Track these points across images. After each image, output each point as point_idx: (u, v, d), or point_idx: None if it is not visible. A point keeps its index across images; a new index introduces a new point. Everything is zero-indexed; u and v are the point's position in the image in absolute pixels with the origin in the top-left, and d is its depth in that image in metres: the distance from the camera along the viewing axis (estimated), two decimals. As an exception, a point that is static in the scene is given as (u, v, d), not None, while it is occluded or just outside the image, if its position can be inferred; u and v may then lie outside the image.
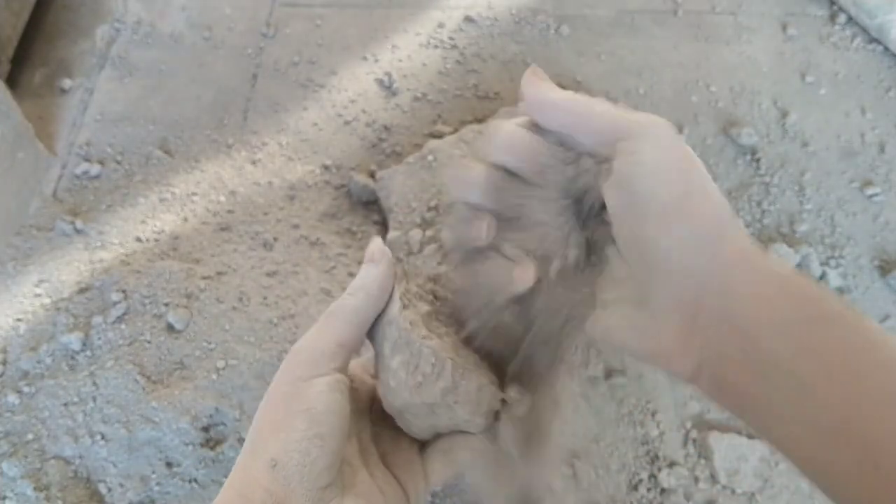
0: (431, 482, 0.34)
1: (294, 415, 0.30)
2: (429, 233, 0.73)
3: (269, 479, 0.29)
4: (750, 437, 0.65)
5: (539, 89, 0.30)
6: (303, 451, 0.30)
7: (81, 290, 0.74)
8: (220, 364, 0.67)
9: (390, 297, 0.34)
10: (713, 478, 0.63)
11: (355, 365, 0.38)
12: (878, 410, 0.24)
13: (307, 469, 0.29)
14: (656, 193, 0.27)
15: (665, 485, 0.62)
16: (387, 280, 0.34)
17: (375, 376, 0.35)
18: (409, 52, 0.95)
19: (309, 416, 0.30)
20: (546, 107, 0.30)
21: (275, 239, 0.77)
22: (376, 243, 0.35)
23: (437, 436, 0.35)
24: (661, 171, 0.28)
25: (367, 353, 0.37)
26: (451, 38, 0.96)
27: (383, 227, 0.78)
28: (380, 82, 0.92)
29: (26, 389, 0.67)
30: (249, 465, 0.30)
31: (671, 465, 0.64)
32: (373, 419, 0.36)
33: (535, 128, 0.31)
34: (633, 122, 0.29)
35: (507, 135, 0.31)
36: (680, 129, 0.87)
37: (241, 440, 0.63)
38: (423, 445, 0.36)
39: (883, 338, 0.25)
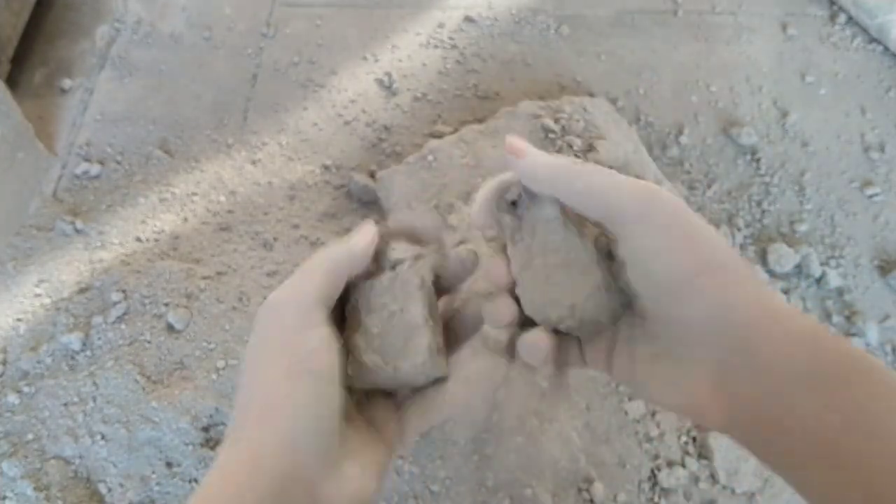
0: (409, 436, 0.34)
1: (298, 376, 0.30)
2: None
3: (279, 442, 0.29)
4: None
5: (529, 161, 0.31)
6: (312, 414, 0.29)
7: (81, 290, 0.74)
8: (220, 364, 0.67)
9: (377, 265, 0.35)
10: (713, 478, 0.63)
11: None
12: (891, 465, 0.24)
13: (317, 429, 0.29)
14: (664, 276, 0.29)
15: (665, 485, 0.62)
16: (369, 245, 0.34)
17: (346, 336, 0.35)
18: (409, 52, 0.95)
19: (313, 377, 0.30)
20: (544, 183, 0.31)
21: (275, 239, 0.77)
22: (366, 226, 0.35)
23: (410, 389, 0.35)
24: (666, 253, 0.28)
25: None
26: (451, 38, 0.96)
27: (383, 227, 0.78)
28: (380, 82, 0.92)
29: (26, 389, 0.67)
30: (255, 428, 0.30)
31: (671, 465, 0.64)
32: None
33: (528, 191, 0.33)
34: (631, 202, 0.29)
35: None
36: (680, 130, 0.87)
37: (241, 440, 0.63)
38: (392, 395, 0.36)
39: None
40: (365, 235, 0.34)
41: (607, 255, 0.32)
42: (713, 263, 0.28)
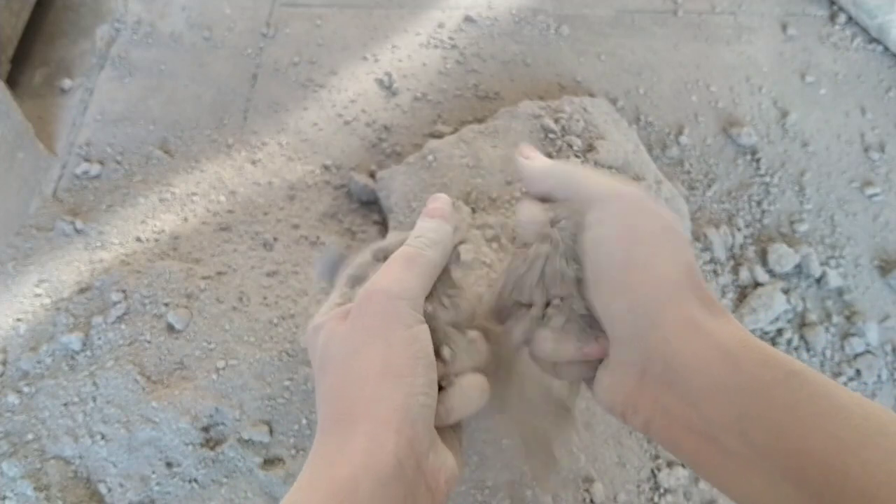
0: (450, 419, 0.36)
1: (416, 361, 0.32)
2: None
3: (398, 420, 0.30)
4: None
5: (532, 164, 0.37)
6: (426, 394, 0.31)
7: (81, 290, 0.74)
8: (220, 364, 0.67)
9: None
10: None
11: None
12: (832, 468, 0.24)
13: (428, 411, 0.32)
14: (603, 266, 0.31)
15: (665, 485, 0.62)
16: (451, 239, 0.37)
17: None
18: (409, 52, 0.95)
19: (427, 363, 0.32)
20: (539, 180, 0.36)
21: (275, 239, 0.77)
22: (444, 199, 0.38)
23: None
24: (608, 244, 0.31)
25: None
26: (451, 38, 0.96)
27: (383, 227, 0.78)
28: (380, 82, 0.92)
29: (26, 389, 0.67)
30: (368, 405, 0.31)
31: (671, 465, 0.64)
32: None
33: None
34: (596, 194, 0.32)
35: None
36: (680, 130, 0.87)
37: (241, 440, 0.63)
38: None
39: (830, 393, 0.26)
40: (451, 238, 0.36)
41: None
42: (644, 264, 0.30)
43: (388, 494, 0.29)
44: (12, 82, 0.90)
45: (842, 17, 0.97)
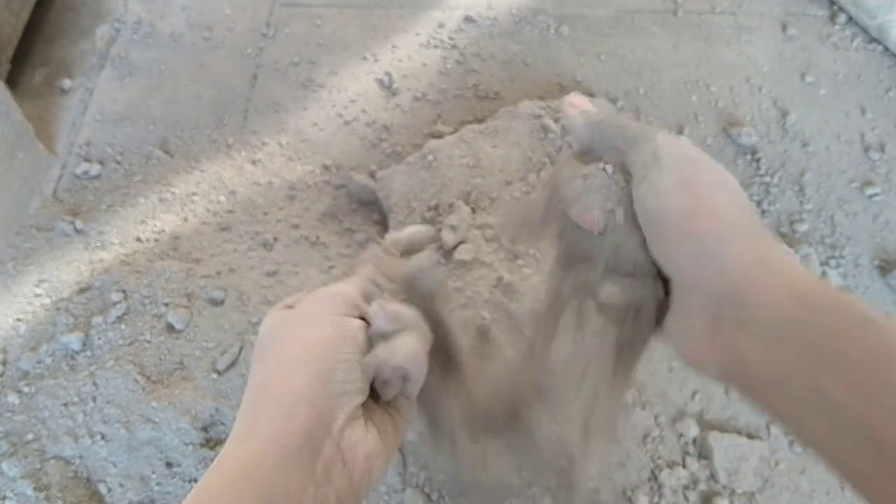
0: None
1: (343, 340, 0.32)
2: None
3: (313, 392, 0.30)
4: (750, 437, 0.65)
5: (576, 112, 0.35)
6: (348, 370, 0.31)
7: (81, 290, 0.74)
8: (220, 364, 0.67)
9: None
10: (713, 478, 0.63)
11: None
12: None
13: (349, 386, 0.31)
14: (661, 214, 0.30)
15: (665, 485, 0.62)
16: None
17: None
18: (409, 52, 0.95)
19: (355, 343, 0.33)
20: (580, 125, 0.35)
21: (275, 239, 0.77)
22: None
23: None
24: (667, 193, 0.30)
25: None
26: (451, 38, 0.96)
27: (383, 227, 0.78)
28: (380, 82, 0.92)
29: (26, 389, 0.67)
30: (284, 378, 0.31)
31: (671, 465, 0.64)
32: None
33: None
34: (649, 143, 0.31)
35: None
36: (680, 130, 0.87)
37: (241, 440, 0.63)
38: None
39: (888, 328, 0.25)
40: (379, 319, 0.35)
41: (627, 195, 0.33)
42: (707, 209, 0.29)
43: (296, 466, 0.29)
44: (12, 82, 0.90)
45: (842, 17, 0.97)
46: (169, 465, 0.63)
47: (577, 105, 0.36)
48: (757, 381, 0.28)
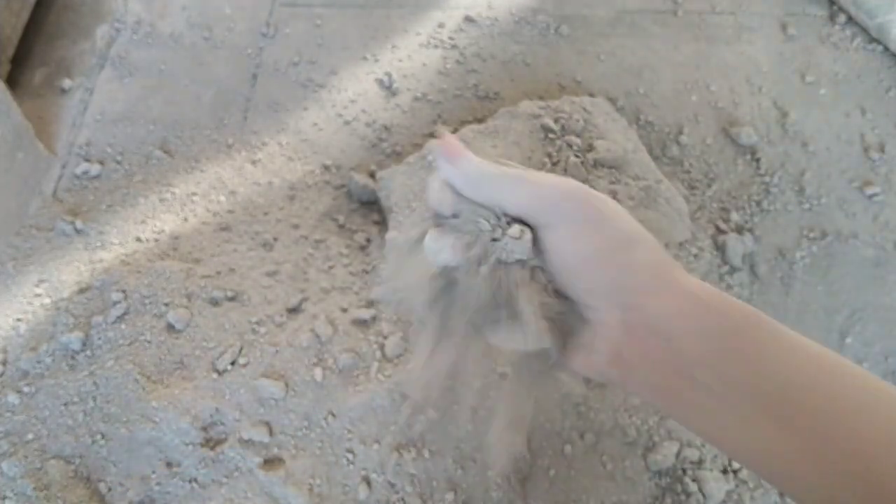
0: None
1: None
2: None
3: None
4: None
5: (461, 163, 0.34)
6: None
7: (81, 290, 0.74)
8: (220, 364, 0.67)
9: None
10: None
11: None
12: (795, 396, 0.29)
13: None
14: (578, 255, 0.33)
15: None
16: None
17: None
18: (409, 52, 0.95)
19: None
20: (470, 182, 0.34)
21: (275, 239, 0.77)
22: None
23: None
24: (578, 237, 0.32)
25: None
26: (451, 38, 0.96)
27: (383, 227, 0.78)
28: (380, 82, 0.92)
29: (26, 389, 0.67)
30: None
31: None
32: None
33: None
34: (550, 196, 0.33)
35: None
36: (680, 130, 0.87)
37: (241, 440, 0.63)
38: None
39: (787, 333, 0.31)
40: None
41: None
42: (617, 241, 0.32)
43: None
44: (12, 82, 0.90)
45: (842, 17, 0.96)
46: (169, 465, 0.63)
47: (454, 153, 0.34)
48: (666, 377, 0.31)
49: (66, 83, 0.93)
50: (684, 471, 0.63)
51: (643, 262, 0.32)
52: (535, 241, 0.33)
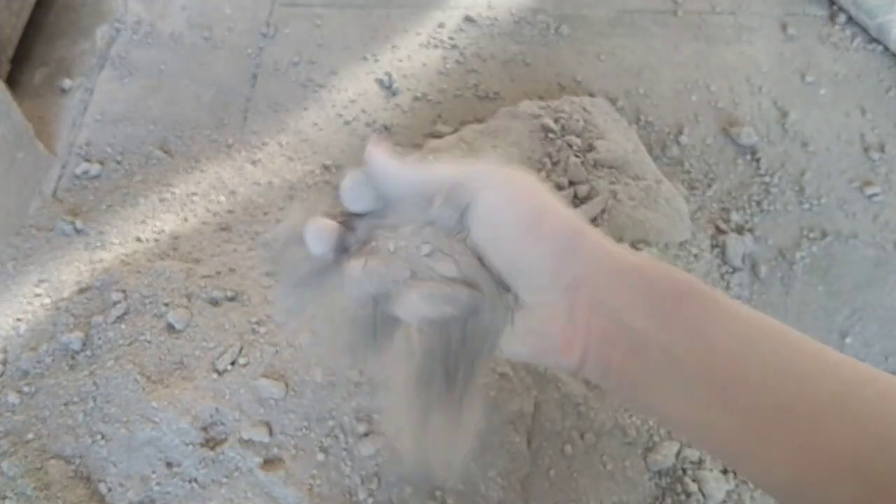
0: None
1: None
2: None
3: None
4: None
5: (386, 164, 0.35)
6: None
7: (81, 290, 0.74)
8: (220, 364, 0.67)
9: None
10: None
11: None
12: (735, 363, 0.29)
13: None
14: (509, 225, 0.32)
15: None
16: None
17: None
18: (409, 52, 0.95)
19: None
20: (393, 181, 0.35)
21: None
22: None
23: None
24: (508, 206, 0.32)
25: None
26: (451, 38, 0.96)
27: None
28: (380, 82, 0.92)
29: (26, 389, 0.67)
30: None
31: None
32: None
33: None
34: (477, 172, 0.33)
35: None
36: (680, 130, 0.87)
37: (240, 440, 0.63)
38: None
39: (727, 303, 0.30)
40: None
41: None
42: (550, 209, 0.32)
43: None
44: (12, 82, 0.90)
45: (842, 17, 0.96)
46: (169, 465, 0.62)
47: (383, 160, 0.36)
48: (615, 354, 0.31)
49: (66, 83, 0.93)
50: (684, 471, 0.63)
51: (581, 233, 0.32)
52: (466, 212, 0.33)
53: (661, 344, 0.29)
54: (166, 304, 0.71)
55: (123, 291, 0.72)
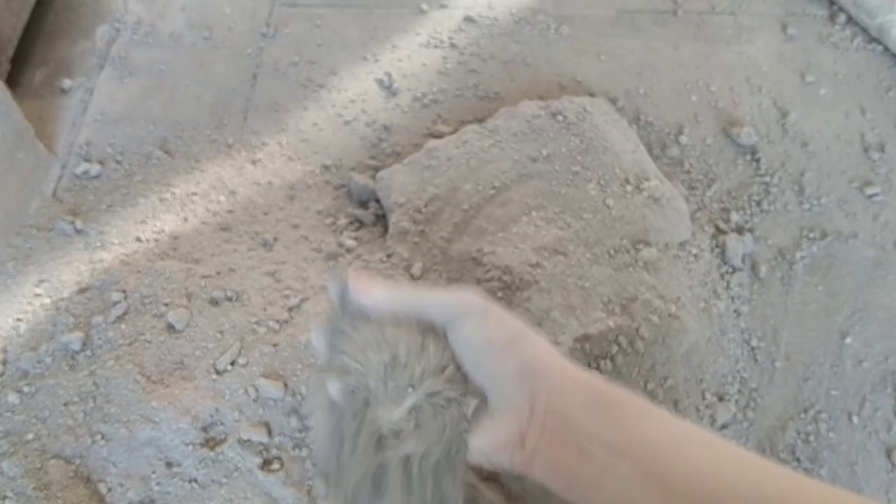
0: None
1: None
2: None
3: None
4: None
5: (373, 294, 0.41)
6: None
7: (81, 290, 0.74)
8: (221, 364, 0.67)
9: None
10: None
11: None
12: (668, 458, 0.34)
13: None
14: (484, 347, 0.39)
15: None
16: None
17: None
18: (409, 52, 0.95)
19: None
20: (384, 306, 0.41)
21: (275, 239, 0.77)
22: None
23: None
24: (484, 332, 0.39)
25: None
26: (451, 38, 0.96)
27: (383, 228, 0.78)
28: (380, 82, 0.92)
29: (26, 389, 0.67)
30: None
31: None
32: None
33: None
34: (454, 304, 0.40)
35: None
36: (680, 130, 0.87)
37: (240, 441, 0.63)
38: None
39: (665, 414, 0.36)
40: None
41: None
42: (519, 335, 0.39)
43: None
44: (12, 82, 0.90)
45: (842, 17, 0.96)
46: (169, 465, 0.62)
47: (365, 289, 0.41)
48: (564, 453, 0.36)
49: (66, 83, 0.93)
50: None
51: (544, 352, 0.38)
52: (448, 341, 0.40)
53: (606, 442, 0.34)
54: (166, 304, 0.70)
55: (123, 291, 0.72)
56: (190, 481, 0.62)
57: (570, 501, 0.37)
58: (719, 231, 0.79)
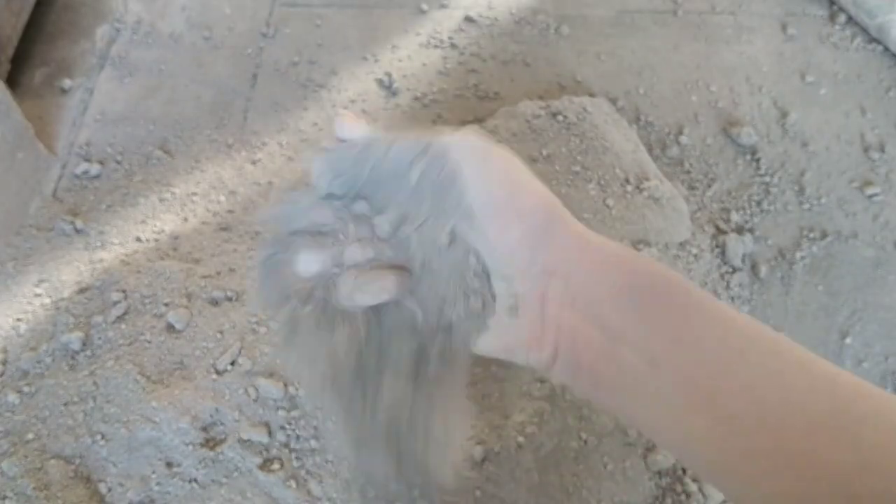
0: None
1: None
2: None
3: None
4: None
5: (357, 132, 0.33)
6: None
7: (81, 290, 0.74)
8: (221, 364, 0.67)
9: None
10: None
11: None
12: (721, 370, 0.26)
13: None
14: (487, 200, 0.30)
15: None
16: None
17: None
18: (409, 52, 0.95)
19: None
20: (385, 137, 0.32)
21: (275, 239, 0.77)
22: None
23: None
24: (486, 178, 0.30)
25: None
26: (451, 38, 0.96)
27: (383, 227, 0.78)
28: (380, 82, 0.92)
29: (26, 389, 0.67)
30: None
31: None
32: None
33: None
34: (456, 143, 0.31)
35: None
36: (680, 130, 0.87)
37: (240, 441, 0.63)
38: None
39: (716, 304, 0.28)
40: None
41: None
42: (526, 187, 0.30)
43: None
44: (12, 82, 0.90)
45: (842, 17, 0.97)
46: (169, 465, 0.62)
47: (352, 129, 0.33)
48: (587, 359, 0.29)
49: (66, 83, 0.93)
50: (684, 471, 0.63)
51: (564, 218, 0.30)
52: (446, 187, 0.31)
53: (640, 344, 0.27)
54: (166, 304, 0.71)
55: (123, 291, 0.72)
56: (190, 481, 0.62)
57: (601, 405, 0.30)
58: (719, 231, 0.79)
